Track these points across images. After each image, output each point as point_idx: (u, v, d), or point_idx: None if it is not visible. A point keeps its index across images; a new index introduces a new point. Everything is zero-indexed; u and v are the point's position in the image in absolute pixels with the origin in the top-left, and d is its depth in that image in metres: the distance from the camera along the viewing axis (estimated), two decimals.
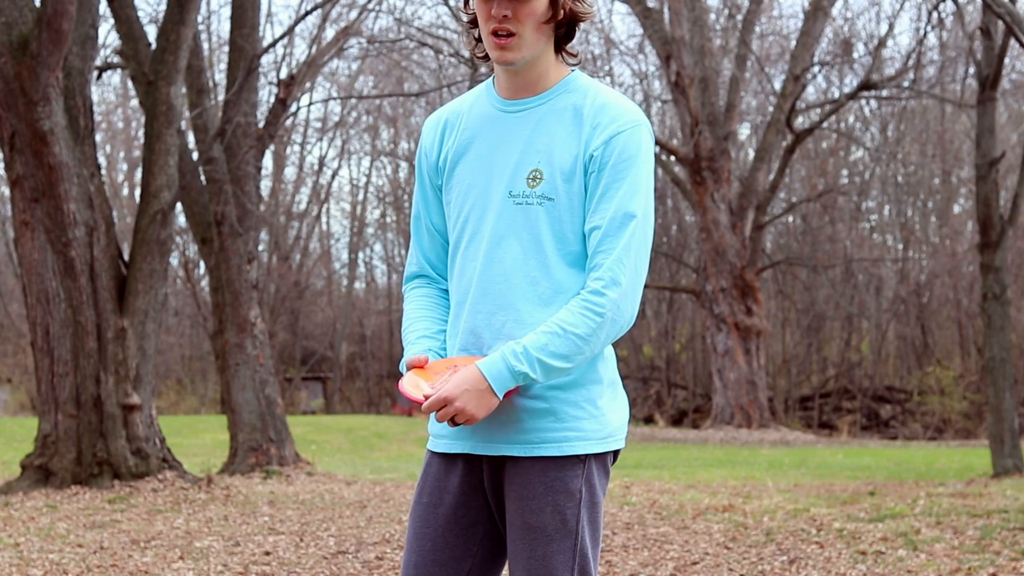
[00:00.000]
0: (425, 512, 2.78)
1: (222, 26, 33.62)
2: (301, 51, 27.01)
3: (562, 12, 2.67)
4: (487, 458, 2.73)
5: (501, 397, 2.60)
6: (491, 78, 2.83)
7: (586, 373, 2.68)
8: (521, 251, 2.68)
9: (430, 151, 2.85)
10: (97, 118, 29.08)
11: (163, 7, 15.91)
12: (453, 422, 2.60)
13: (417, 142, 43.44)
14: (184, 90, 12.31)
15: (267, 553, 7.40)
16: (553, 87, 2.73)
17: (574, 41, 2.77)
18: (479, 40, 2.75)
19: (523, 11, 2.64)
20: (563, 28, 2.71)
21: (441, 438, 2.80)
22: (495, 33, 2.66)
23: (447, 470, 2.78)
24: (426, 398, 2.63)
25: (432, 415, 2.70)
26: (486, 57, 2.75)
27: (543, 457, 2.65)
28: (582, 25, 2.73)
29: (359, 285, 39.86)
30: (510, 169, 2.71)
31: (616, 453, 2.78)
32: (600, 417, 2.69)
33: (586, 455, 2.67)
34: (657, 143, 26.22)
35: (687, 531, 8.39)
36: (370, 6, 15.75)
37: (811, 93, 30.79)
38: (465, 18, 2.80)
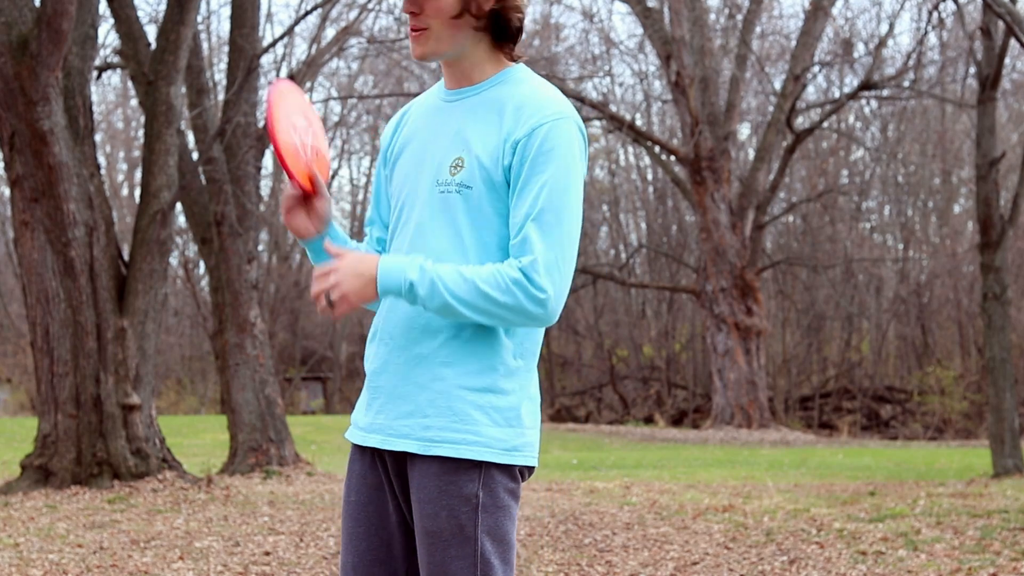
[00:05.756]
0: (355, 511, 2.72)
1: (222, 26, 33.66)
2: (301, 51, 27.03)
3: (474, 6, 2.62)
4: (390, 454, 2.67)
5: (379, 297, 2.60)
6: None
7: (498, 380, 2.60)
8: (444, 239, 2.64)
9: (384, 143, 2.87)
10: (97, 118, 29.08)
11: (163, 7, 15.89)
12: (328, 300, 2.60)
13: None
14: (184, 90, 12.31)
15: (267, 553, 7.40)
16: (489, 78, 2.69)
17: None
18: None
19: (429, 7, 2.63)
20: (485, 23, 2.65)
21: (357, 428, 2.74)
22: (412, 28, 2.68)
23: (370, 465, 2.72)
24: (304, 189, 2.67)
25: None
26: None
27: (439, 457, 2.57)
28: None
29: None
30: (439, 158, 2.69)
31: (529, 470, 2.67)
32: (506, 428, 2.59)
33: (483, 462, 2.57)
34: (657, 143, 26.22)
35: (687, 531, 8.39)
36: (370, 6, 15.74)
37: (811, 93, 30.81)
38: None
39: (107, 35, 18.58)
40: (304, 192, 2.74)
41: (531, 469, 2.67)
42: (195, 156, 13.36)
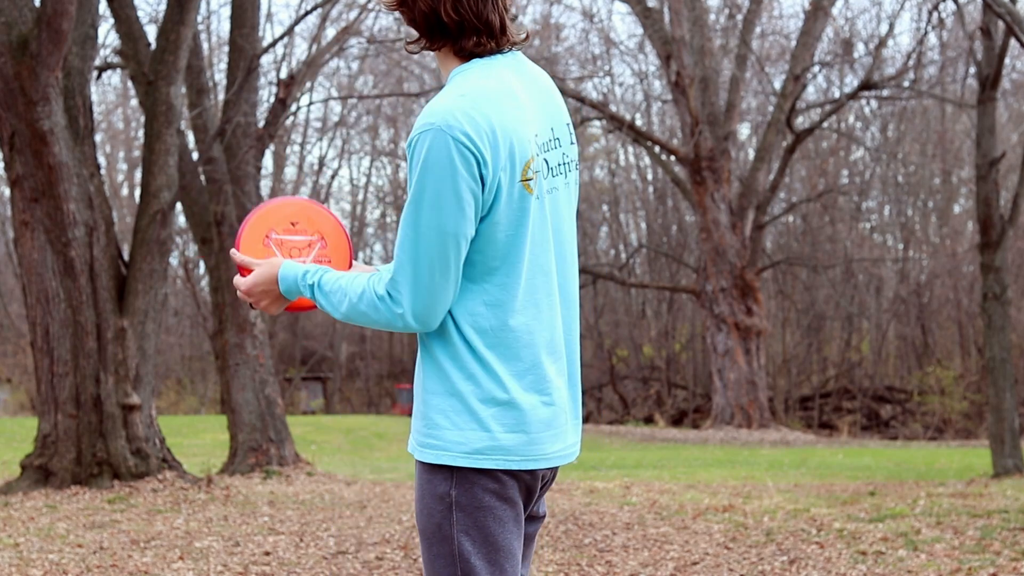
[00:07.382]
0: None
1: (222, 26, 33.67)
2: (301, 51, 27.02)
3: (414, 14, 2.61)
4: None
5: (292, 299, 2.73)
6: None
7: (459, 385, 2.59)
8: None
9: None
10: (97, 118, 29.07)
11: (163, 7, 15.91)
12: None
13: None
14: (184, 90, 12.31)
15: (267, 553, 7.40)
16: (446, 82, 2.69)
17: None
18: None
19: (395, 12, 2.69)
20: (420, 26, 2.62)
21: None
22: None
23: None
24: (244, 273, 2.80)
25: None
26: None
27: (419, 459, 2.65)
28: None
29: None
30: None
31: (530, 473, 2.63)
32: (468, 432, 2.57)
33: (451, 466, 2.58)
34: (657, 143, 26.23)
35: (687, 531, 8.39)
36: (370, 6, 15.74)
37: (811, 93, 30.82)
38: None
39: (107, 35, 18.58)
40: None
41: (531, 472, 2.63)
42: (195, 156, 13.37)
